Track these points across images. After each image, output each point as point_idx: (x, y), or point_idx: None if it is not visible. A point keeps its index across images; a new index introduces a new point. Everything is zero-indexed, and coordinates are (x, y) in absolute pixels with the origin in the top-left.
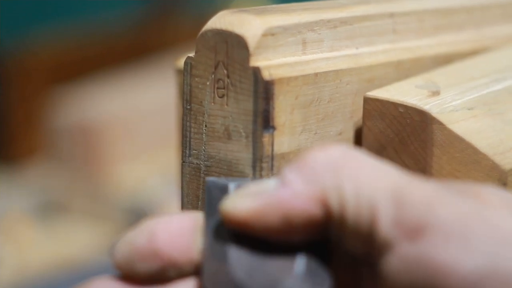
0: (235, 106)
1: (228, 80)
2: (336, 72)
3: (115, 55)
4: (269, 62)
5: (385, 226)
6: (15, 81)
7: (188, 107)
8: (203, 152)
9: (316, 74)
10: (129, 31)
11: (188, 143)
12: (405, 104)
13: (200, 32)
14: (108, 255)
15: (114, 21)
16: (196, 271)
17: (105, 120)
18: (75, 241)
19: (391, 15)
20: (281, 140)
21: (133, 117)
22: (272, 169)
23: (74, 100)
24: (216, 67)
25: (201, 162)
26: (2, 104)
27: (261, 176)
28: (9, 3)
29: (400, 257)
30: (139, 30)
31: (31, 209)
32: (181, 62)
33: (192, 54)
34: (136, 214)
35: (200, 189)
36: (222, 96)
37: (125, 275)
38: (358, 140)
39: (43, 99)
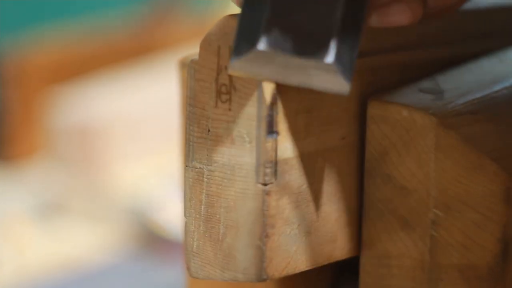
0: (239, 111)
1: (232, 85)
2: None
3: (115, 55)
4: None
5: None
6: (15, 81)
7: (192, 111)
8: (206, 156)
9: None
10: (129, 31)
11: (191, 147)
12: (409, 108)
13: (204, 36)
14: None
15: (114, 21)
16: None
17: (105, 120)
18: (75, 241)
19: None
20: (285, 146)
21: (133, 118)
22: (275, 174)
23: (74, 100)
24: (219, 72)
25: (204, 167)
26: (2, 104)
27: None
28: (9, 3)
29: None
30: (139, 30)
31: (31, 209)
32: (184, 57)
33: (196, 58)
34: (136, 215)
35: (203, 193)
36: (225, 101)
37: None
38: (362, 144)
39: (43, 99)
